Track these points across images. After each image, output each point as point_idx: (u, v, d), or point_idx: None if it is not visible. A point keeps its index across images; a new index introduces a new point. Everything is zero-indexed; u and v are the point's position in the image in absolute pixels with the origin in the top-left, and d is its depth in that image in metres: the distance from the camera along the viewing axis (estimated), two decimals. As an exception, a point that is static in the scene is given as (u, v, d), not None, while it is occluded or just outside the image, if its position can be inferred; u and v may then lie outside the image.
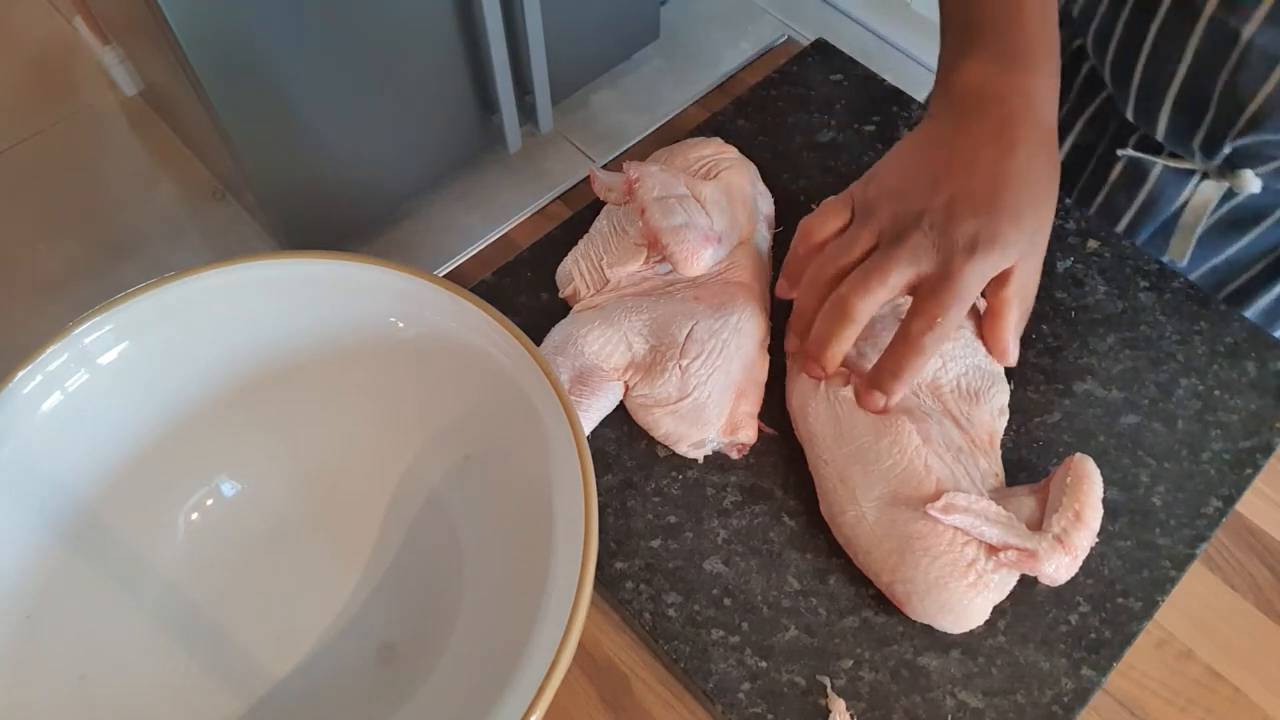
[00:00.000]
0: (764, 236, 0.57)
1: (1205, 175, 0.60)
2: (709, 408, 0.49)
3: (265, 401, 0.49)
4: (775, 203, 0.59)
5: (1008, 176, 0.45)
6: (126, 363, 0.44)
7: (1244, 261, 0.64)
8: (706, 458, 0.51)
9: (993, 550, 0.44)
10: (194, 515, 0.48)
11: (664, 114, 0.67)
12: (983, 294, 0.47)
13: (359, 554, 0.49)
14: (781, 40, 0.71)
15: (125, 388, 0.45)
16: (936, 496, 0.44)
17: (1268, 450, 0.50)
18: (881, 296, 0.45)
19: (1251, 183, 0.58)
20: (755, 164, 0.59)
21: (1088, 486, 0.44)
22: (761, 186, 0.59)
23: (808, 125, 0.63)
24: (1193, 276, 0.64)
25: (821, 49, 0.67)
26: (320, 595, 0.48)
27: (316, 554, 0.49)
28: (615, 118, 1.89)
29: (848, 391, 0.48)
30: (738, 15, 2.05)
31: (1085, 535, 0.43)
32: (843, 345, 0.46)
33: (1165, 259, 0.62)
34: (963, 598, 0.43)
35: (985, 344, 0.50)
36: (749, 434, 0.50)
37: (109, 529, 0.45)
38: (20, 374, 0.41)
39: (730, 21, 2.04)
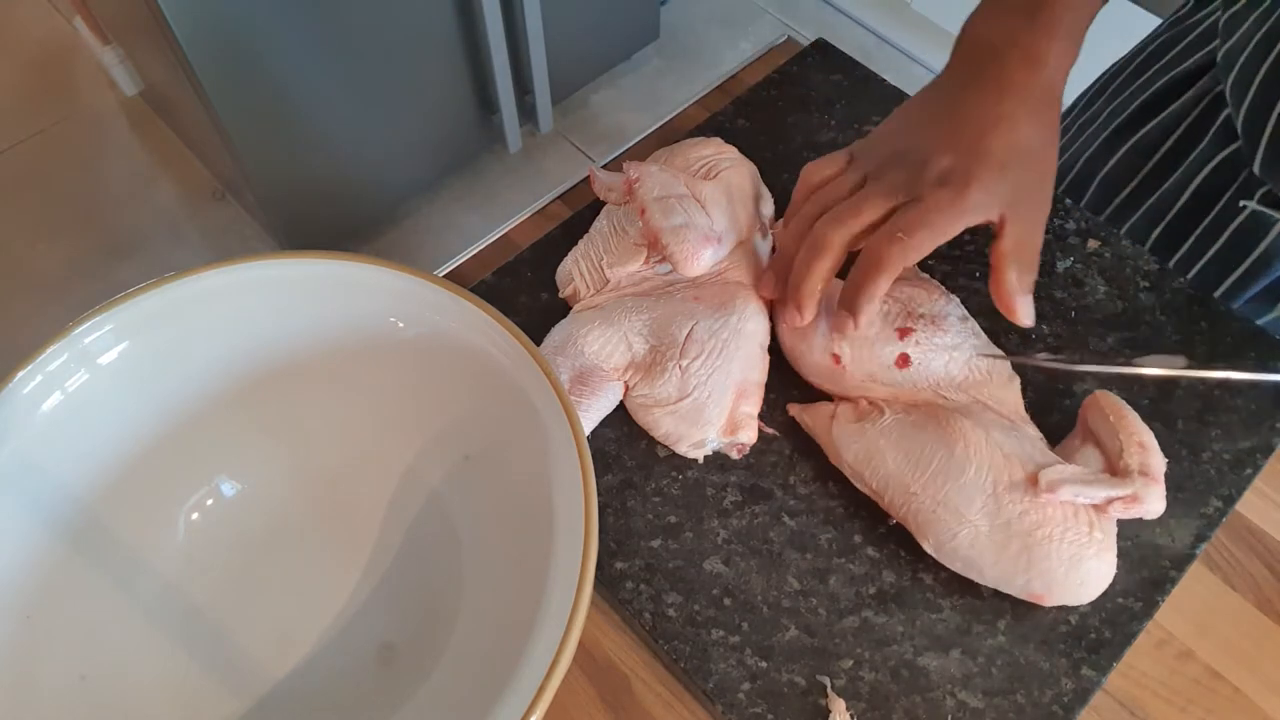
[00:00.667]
0: (764, 237, 0.57)
1: None
2: (709, 408, 0.49)
3: (265, 401, 0.49)
4: (775, 203, 0.59)
5: (994, 122, 0.46)
6: (126, 363, 0.44)
7: None
8: (706, 458, 0.51)
9: (1099, 509, 0.44)
10: (194, 515, 0.48)
11: (664, 114, 0.67)
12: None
13: (359, 554, 0.49)
14: (781, 40, 0.71)
15: (125, 388, 0.45)
16: (1031, 480, 0.45)
17: (1268, 450, 0.50)
18: (854, 227, 0.46)
19: None
20: (755, 164, 0.59)
21: (1130, 415, 0.46)
22: (762, 186, 0.59)
23: (808, 125, 0.63)
24: None
25: (821, 49, 0.67)
26: (320, 595, 0.48)
27: (316, 554, 0.49)
28: (615, 118, 1.89)
29: (899, 417, 0.48)
30: (738, 15, 2.05)
31: (1159, 459, 0.45)
32: (814, 279, 0.47)
33: (1275, 315, 0.63)
34: (1098, 566, 0.44)
35: (996, 304, 0.49)
36: (749, 434, 0.50)
37: (109, 529, 0.45)
38: (20, 374, 0.41)
39: (730, 21, 2.04)
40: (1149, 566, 0.47)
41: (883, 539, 0.48)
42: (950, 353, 0.50)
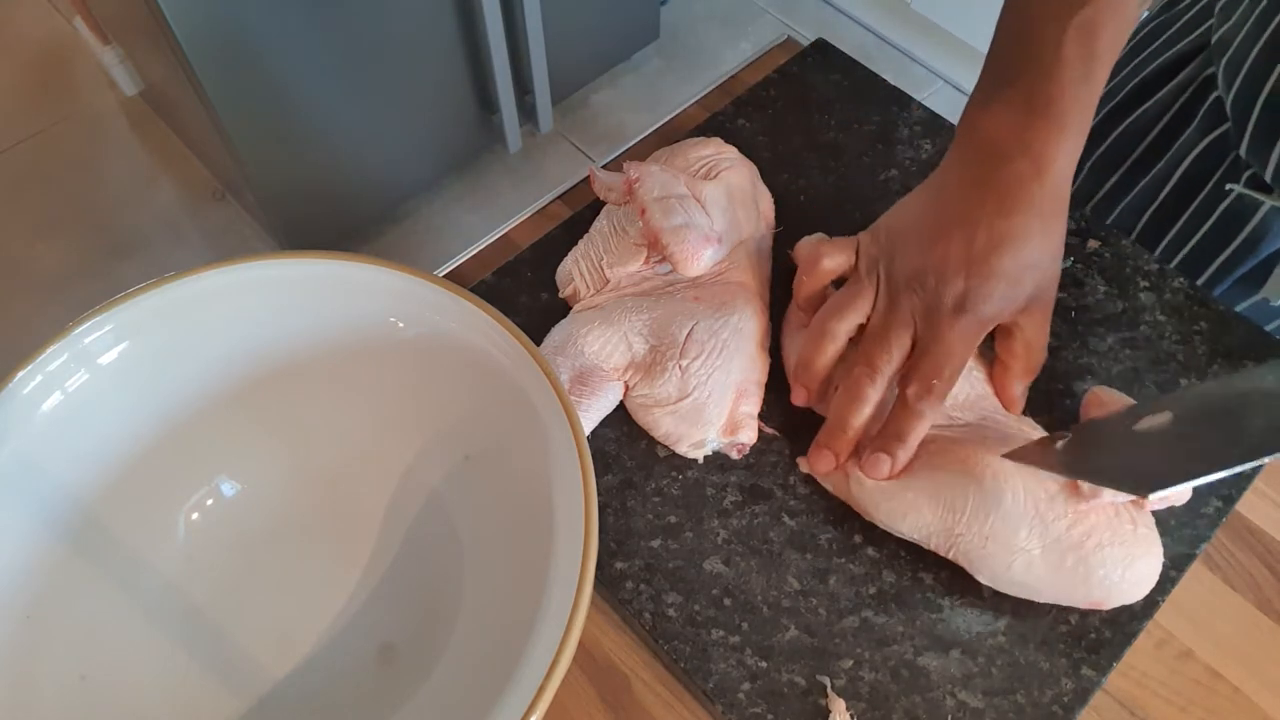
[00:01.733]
0: (764, 237, 0.57)
1: None
2: (709, 408, 0.49)
3: (265, 401, 0.49)
4: (775, 203, 0.59)
5: (1004, 238, 0.46)
6: (126, 363, 0.44)
7: None
8: (706, 458, 0.51)
9: (1137, 504, 0.45)
10: (194, 515, 0.48)
11: (664, 114, 0.67)
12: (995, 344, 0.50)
13: (359, 554, 0.49)
14: (781, 40, 0.71)
15: (125, 388, 0.45)
16: (1070, 489, 0.44)
17: (1268, 450, 0.50)
18: (887, 373, 0.48)
19: None
20: (755, 164, 0.59)
21: (1125, 404, 0.47)
22: (762, 186, 0.59)
23: (808, 125, 0.63)
24: None
25: (821, 49, 0.67)
26: (320, 595, 0.48)
27: (316, 554, 0.49)
28: (615, 118, 1.89)
29: (920, 462, 0.48)
30: (738, 15, 2.05)
31: None
32: (858, 425, 0.48)
33: (1259, 297, 0.63)
34: (1149, 562, 0.44)
35: (996, 392, 0.50)
36: (749, 434, 0.50)
37: (109, 529, 0.45)
38: (20, 374, 0.41)
39: (730, 21, 2.04)
40: (1149, 566, 0.47)
41: (883, 539, 0.48)
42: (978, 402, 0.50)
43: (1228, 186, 0.61)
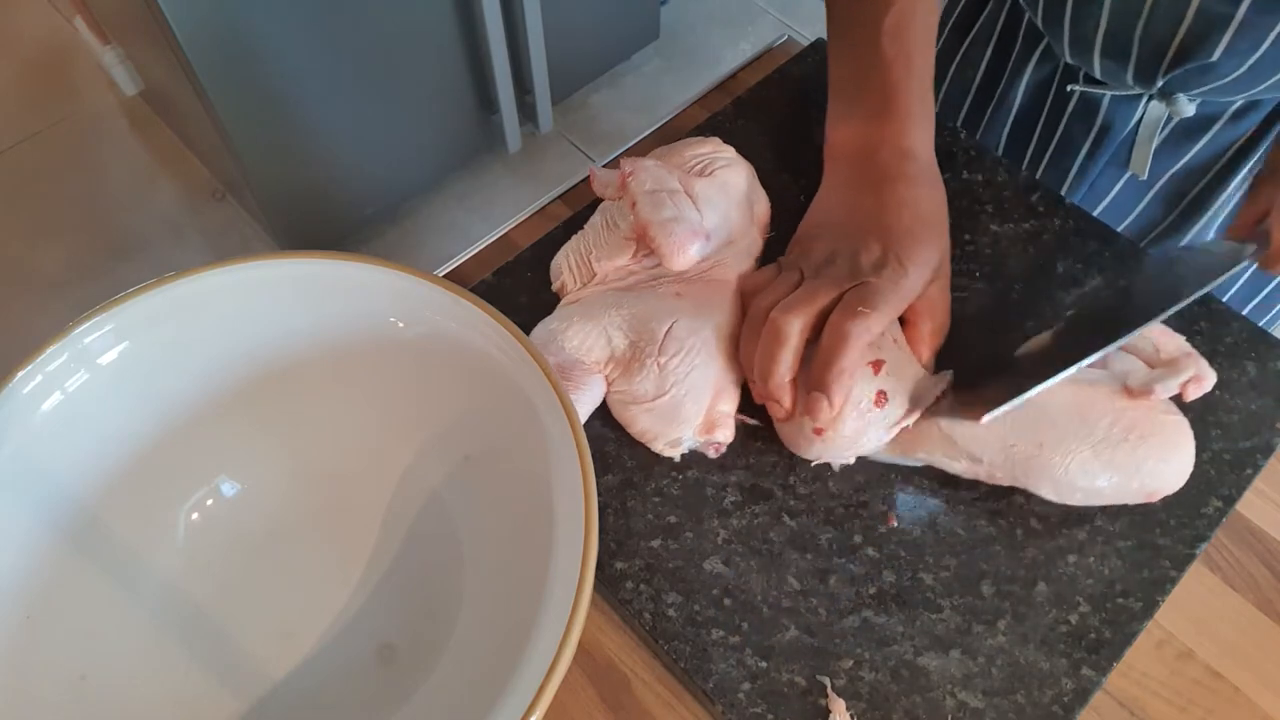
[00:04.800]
0: (755, 239, 0.56)
1: (1151, 97, 0.63)
2: (686, 406, 0.49)
3: (265, 401, 0.49)
4: (775, 203, 0.59)
5: (896, 206, 0.51)
6: (126, 363, 0.44)
7: (1202, 165, 0.67)
8: (708, 458, 0.51)
9: (1143, 394, 0.48)
10: (194, 515, 0.48)
11: (664, 114, 0.67)
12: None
13: (359, 554, 0.49)
14: (781, 40, 0.71)
15: (125, 388, 0.45)
16: (1125, 392, 0.47)
17: (1268, 450, 0.50)
18: (808, 313, 0.48)
19: (1186, 107, 0.61)
20: (755, 164, 0.59)
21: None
22: (758, 188, 0.59)
23: (808, 125, 0.63)
24: (1156, 187, 0.69)
25: (821, 49, 0.67)
26: (320, 595, 0.48)
27: (316, 554, 0.49)
28: (615, 118, 1.89)
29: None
30: (738, 15, 2.05)
31: (1181, 338, 0.50)
32: (782, 368, 0.47)
33: (1128, 174, 0.68)
34: (1188, 445, 0.47)
35: (913, 350, 0.51)
36: (726, 433, 0.50)
37: (109, 529, 0.45)
38: (20, 374, 0.41)
39: (730, 21, 2.04)
40: (1149, 566, 0.47)
41: (883, 539, 0.48)
42: (910, 361, 0.50)
43: (1069, 88, 0.65)
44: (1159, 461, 0.47)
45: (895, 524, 0.49)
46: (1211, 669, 0.46)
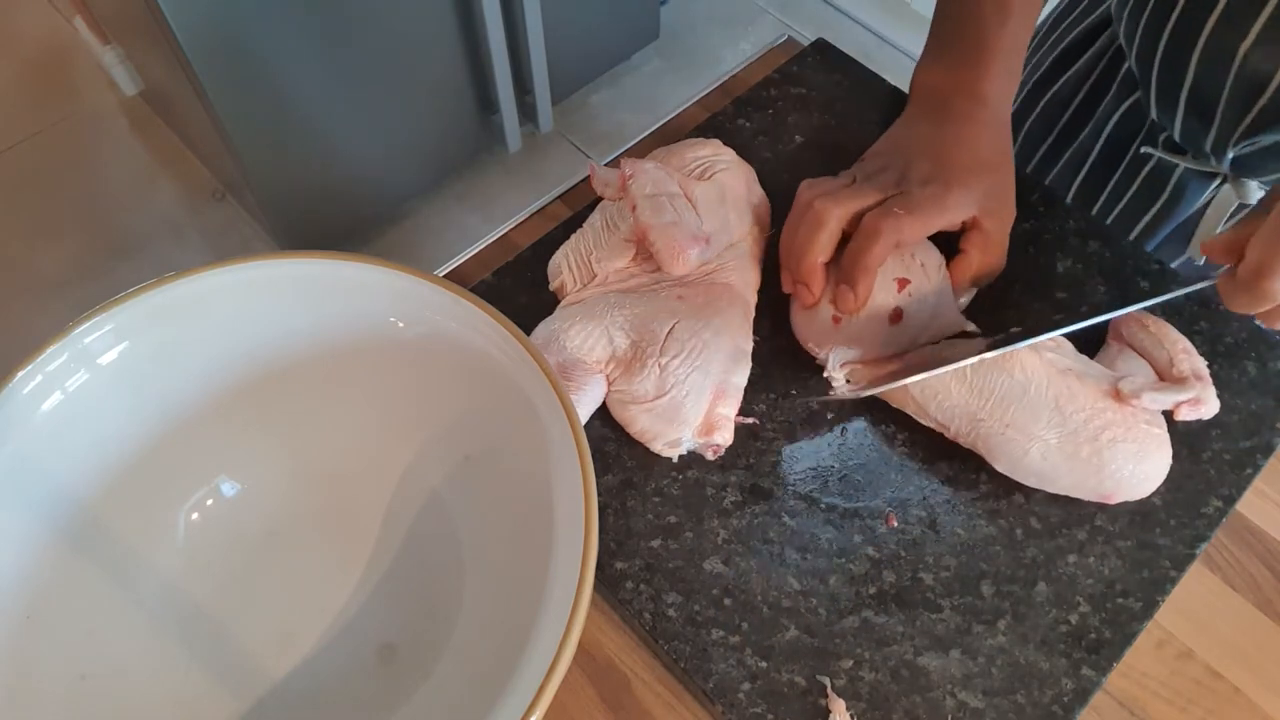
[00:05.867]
0: (755, 241, 0.56)
1: (1224, 179, 0.63)
2: (686, 407, 0.49)
3: (265, 401, 0.49)
4: (774, 203, 0.59)
5: (955, 144, 0.54)
6: (126, 363, 0.44)
7: None
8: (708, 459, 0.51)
9: (1168, 413, 0.48)
10: (194, 515, 0.48)
11: (664, 114, 0.67)
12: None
13: (359, 554, 0.49)
14: (781, 40, 0.71)
15: (125, 388, 0.45)
16: (1113, 393, 0.47)
17: (1268, 450, 0.50)
18: (850, 206, 0.50)
19: (1254, 193, 0.61)
20: (755, 164, 0.59)
21: (1167, 325, 0.51)
22: (758, 190, 0.59)
23: (808, 125, 0.63)
24: (1210, 278, 0.66)
25: (821, 49, 0.67)
26: (320, 595, 0.48)
27: (316, 554, 0.49)
28: (615, 118, 1.89)
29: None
30: (738, 15, 2.05)
31: (1203, 362, 0.50)
32: (815, 251, 0.50)
33: (1186, 257, 0.67)
34: (1159, 458, 0.48)
35: (952, 279, 0.53)
36: (725, 436, 0.50)
37: (109, 529, 0.45)
38: (20, 374, 0.41)
39: (730, 21, 2.04)
40: (1149, 566, 0.47)
41: (883, 539, 0.48)
42: (938, 296, 0.52)
43: (1143, 150, 0.65)
44: (1125, 466, 0.47)
45: (895, 524, 0.49)
46: (1211, 669, 0.46)
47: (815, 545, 0.48)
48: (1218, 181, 0.63)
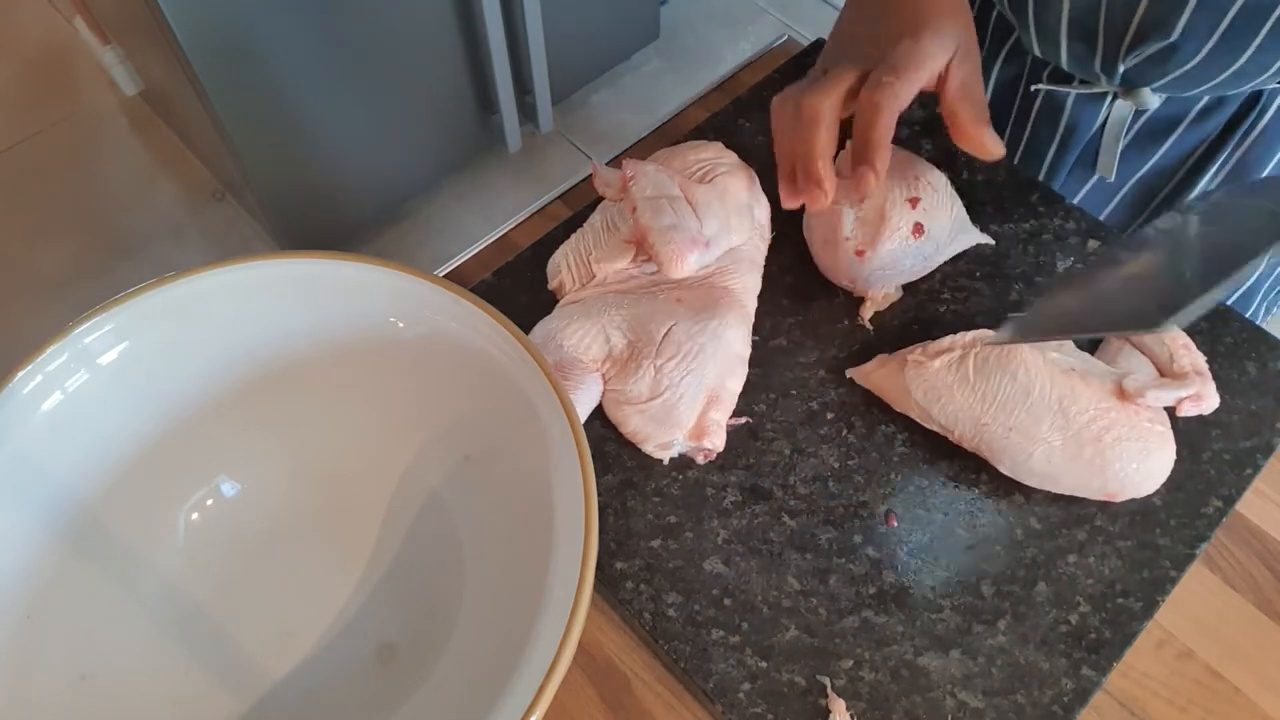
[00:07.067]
0: (756, 245, 0.56)
1: (1116, 95, 0.63)
2: (679, 409, 0.49)
3: (265, 401, 0.49)
4: (774, 204, 0.59)
5: (918, 5, 0.50)
6: (126, 363, 0.44)
7: (1169, 167, 0.67)
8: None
9: (1170, 409, 0.48)
10: (194, 515, 0.48)
11: (664, 114, 0.67)
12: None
13: (359, 554, 0.49)
14: (781, 40, 0.71)
15: (125, 388, 0.45)
16: (1117, 391, 0.47)
17: (1268, 450, 0.50)
18: (838, 91, 0.48)
19: (1150, 99, 0.61)
20: (755, 164, 0.59)
21: None
22: (759, 193, 0.58)
23: (808, 125, 0.63)
24: (1123, 190, 0.69)
25: (821, 49, 0.67)
26: (320, 595, 0.48)
27: (316, 554, 0.49)
28: (615, 118, 1.89)
29: (962, 359, 0.49)
30: (738, 15, 2.05)
31: (1201, 357, 0.49)
32: (819, 147, 0.48)
33: (1096, 177, 0.68)
34: (1163, 456, 0.48)
35: (963, 144, 0.51)
36: (716, 440, 0.50)
37: (109, 529, 0.45)
38: (20, 374, 0.41)
39: (730, 21, 2.04)
40: (1149, 566, 0.47)
41: (883, 539, 0.48)
42: (951, 208, 0.55)
43: (1033, 87, 0.66)
44: (1129, 465, 0.47)
45: (895, 524, 0.49)
46: (1211, 669, 0.46)
47: (815, 545, 0.48)
48: (1109, 99, 0.64)
